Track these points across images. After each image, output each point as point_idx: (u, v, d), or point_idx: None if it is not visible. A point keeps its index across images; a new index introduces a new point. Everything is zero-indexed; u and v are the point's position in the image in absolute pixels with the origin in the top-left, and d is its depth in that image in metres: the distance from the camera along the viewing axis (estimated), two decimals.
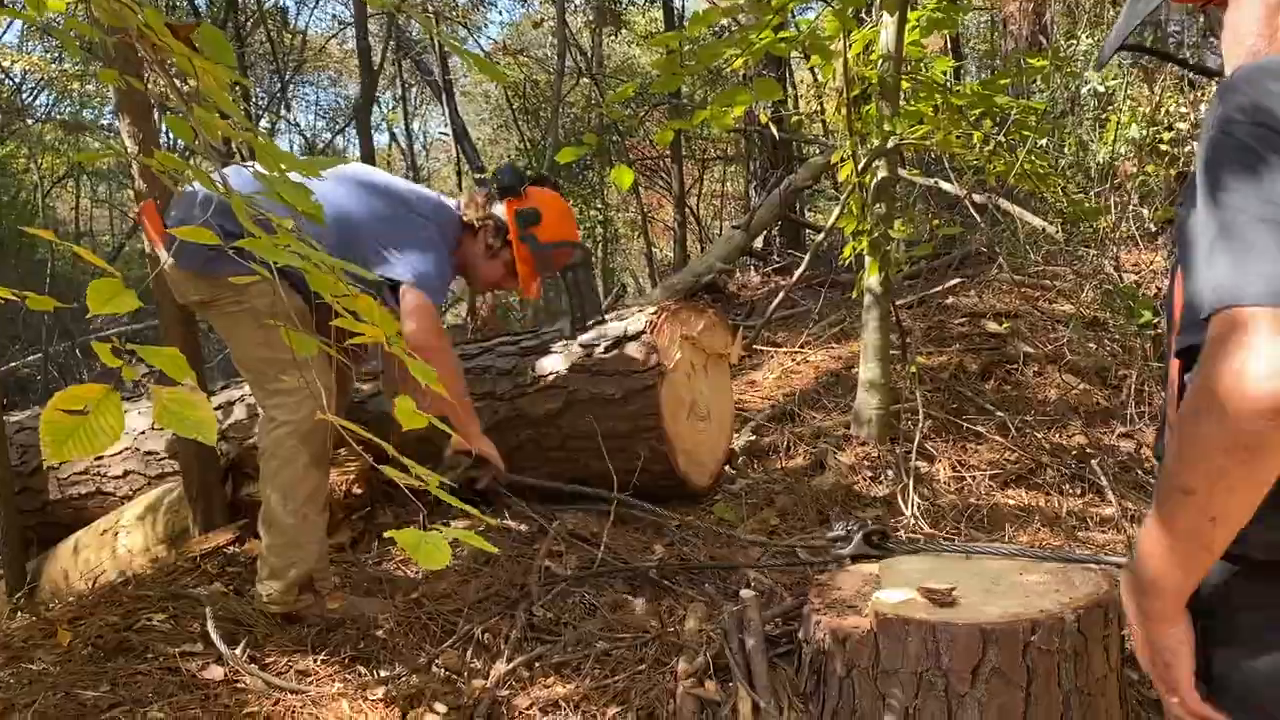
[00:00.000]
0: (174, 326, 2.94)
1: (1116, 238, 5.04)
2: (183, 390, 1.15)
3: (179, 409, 1.12)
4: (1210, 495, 1.05)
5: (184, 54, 1.24)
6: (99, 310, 1.24)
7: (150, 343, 5.54)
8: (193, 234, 1.33)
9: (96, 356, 5.04)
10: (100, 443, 1.10)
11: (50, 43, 12.63)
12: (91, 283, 1.24)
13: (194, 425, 1.13)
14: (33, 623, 2.74)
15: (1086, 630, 2.00)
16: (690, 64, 3.17)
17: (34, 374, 10.84)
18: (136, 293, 1.21)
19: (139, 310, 4.46)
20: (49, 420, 1.09)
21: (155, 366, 1.22)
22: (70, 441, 1.10)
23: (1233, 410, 0.99)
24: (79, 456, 1.10)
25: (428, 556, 1.30)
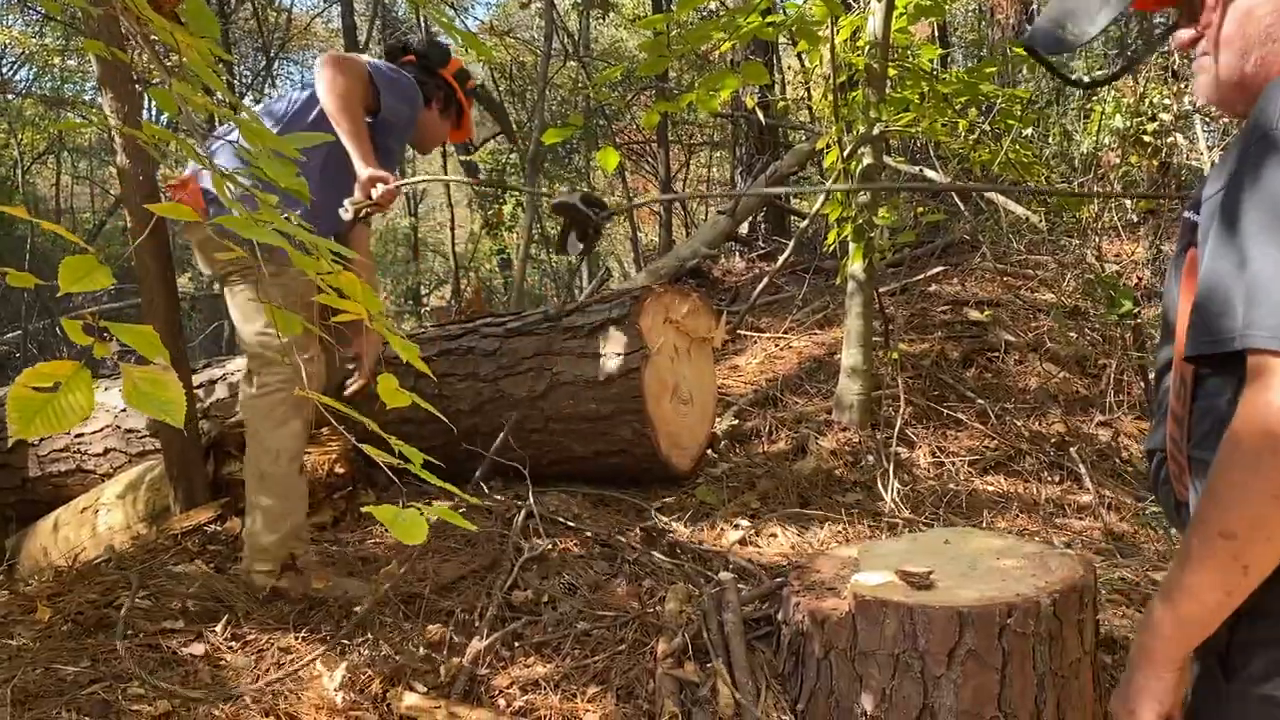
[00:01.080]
0: (157, 303, 2.92)
1: (1099, 228, 5.07)
2: (154, 369, 1.13)
3: (149, 388, 1.10)
4: (1249, 542, 1.02)
5: (166, 28, 1.24)
6: (70, 288, 1.22)
7: (133, 321, 5.52)
8: (173, 210, 1.33)
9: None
10: (68, 420, 1.09)
11: (31, 17, 12.49)
12: (64, 259, 1.23)
13: (163, 405, 1.11)
14: (12, 599, 2.73)
15: (1061, 614, 2.03)
16: (677, 47, 3.16)
17: (13, 351, 10.76)
18: (114, 269, 1.20)
19: (121, 288, 4.45)
20: (16, 396, 1.08)
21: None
22: (38, 418, 1.08)
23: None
24: (47, 433, 1.09)
25: (405, 532, 1.30)
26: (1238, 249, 1.03)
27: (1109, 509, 3.47)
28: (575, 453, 3.29)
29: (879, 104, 3.69)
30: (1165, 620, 1.14)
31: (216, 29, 1.45)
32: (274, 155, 1.35)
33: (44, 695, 2.14)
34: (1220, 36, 1.15)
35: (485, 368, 3.39)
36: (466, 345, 3.47)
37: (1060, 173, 5.53)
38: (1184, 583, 1.10)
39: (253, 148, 1.39)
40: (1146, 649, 1.17)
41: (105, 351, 1.07)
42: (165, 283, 2.97)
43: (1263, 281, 0.99)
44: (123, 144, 2.89)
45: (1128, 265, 5.32)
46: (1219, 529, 1.04)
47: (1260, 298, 0.99)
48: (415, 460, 1.55)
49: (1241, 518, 1.02)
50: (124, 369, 1.04)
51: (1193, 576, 1.09)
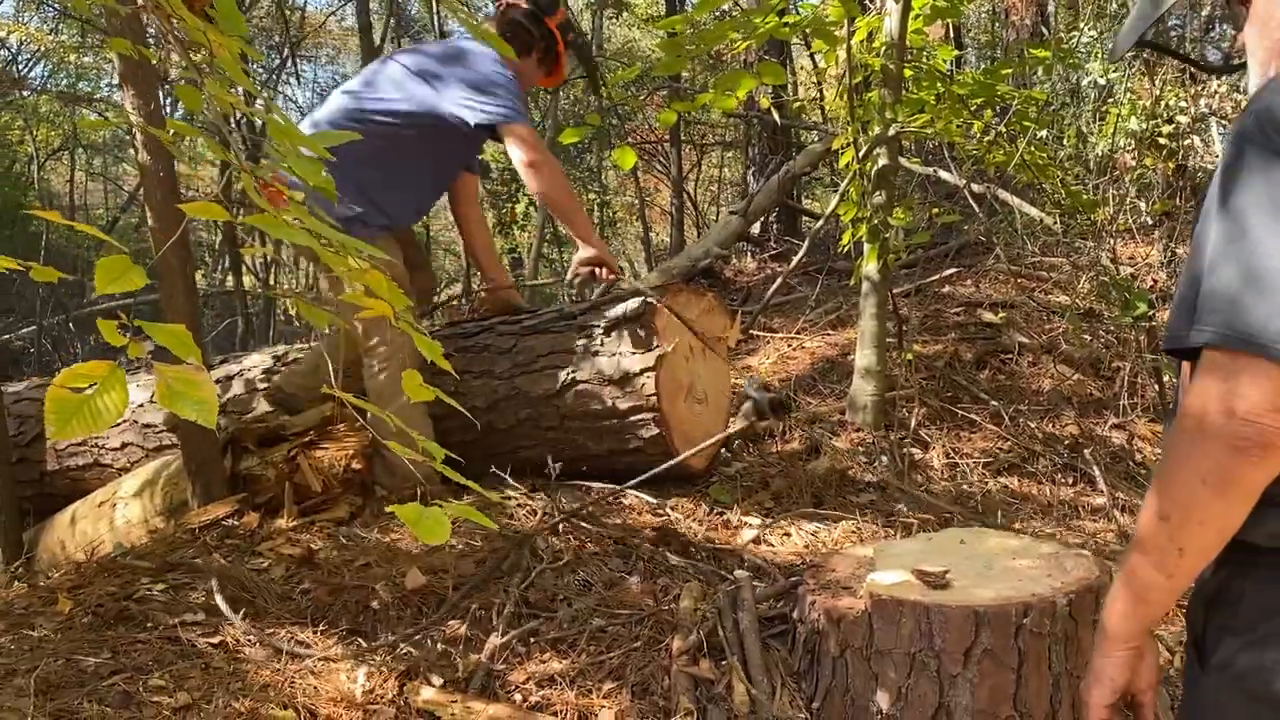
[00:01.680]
0: (177, 300, 2.94)
1: (1114, 230, 5.06)
2: (187, 369, 1.15)
3: (183, 389, 1.12)
4: (1181, 525, 1.07)
5: (199, 27, 1.25)
6: (106, 289, 1.24)
7: (147, 316, 5.48)
8: (203, 210, 1.34)
9: (91, 329, 5.08)
10: (104, 421, 1.10)
11: (47, 13, 12.56)
12: (99, 260, 1.24)
13: (196, 406, 1.13)
14: (32, 591, 2.76)
15: (1077, 614, 2.04)
16: (694, 47, 3.17)
17: (28, 346, 10.83)
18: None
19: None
20: (54, 398, 1.09)
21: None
22: (75, 419, 1.09)
23: (1218, 442, 1.01)
24: (83, 434, 1.10)
25: (428, 531, 1.32)
26: (1205, 251, 1.07)
27: (1123, 511, 3.47)
28: (590, 450, 3.30)
29: (895, 105, 3.70)
30: (1117, 601, 1.20)
31: (245, 28, 1.47)
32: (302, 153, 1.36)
33: (66, 686, 2.16)
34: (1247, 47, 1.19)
35: (501, 365, 3.40)
36: (482, 343, 3.48)
37: (1075, 174, 5.53)
38: (1130, 564, 1.15)
39: (281, 146, 1.40)
40: (1101, 628, 1.23)
41: (139, 351, 1.09)
42: (185, 279, 3.00)
43: (1213, 282, 1.03)
44: (144, 141, 2.91)
45: (1142, 268, 5.31)
46: (1157, 511, 1.09)
47: (1209, 296, 1.03)
48: (438, 455, 1.57)
49: (1175, 501, 1.07)
50: (157, 369, 1.06)
51: (1137, 557, 1.14)
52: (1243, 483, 1.02)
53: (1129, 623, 1.19)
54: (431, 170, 3.40)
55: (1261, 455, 1.00)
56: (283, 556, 2.82)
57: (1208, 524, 1.05)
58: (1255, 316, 0.99)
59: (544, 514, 3.08)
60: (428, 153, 3.26)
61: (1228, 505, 1.04)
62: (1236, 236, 1.01)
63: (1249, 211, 1.01)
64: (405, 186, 3.31)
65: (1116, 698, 1.23)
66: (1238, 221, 1.02)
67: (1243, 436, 1.00)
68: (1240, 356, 1.00)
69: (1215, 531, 1.06)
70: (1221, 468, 1.02)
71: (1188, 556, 1.08)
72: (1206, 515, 1.05)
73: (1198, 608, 1.19)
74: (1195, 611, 1.19)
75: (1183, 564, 1.09)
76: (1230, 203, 1.03)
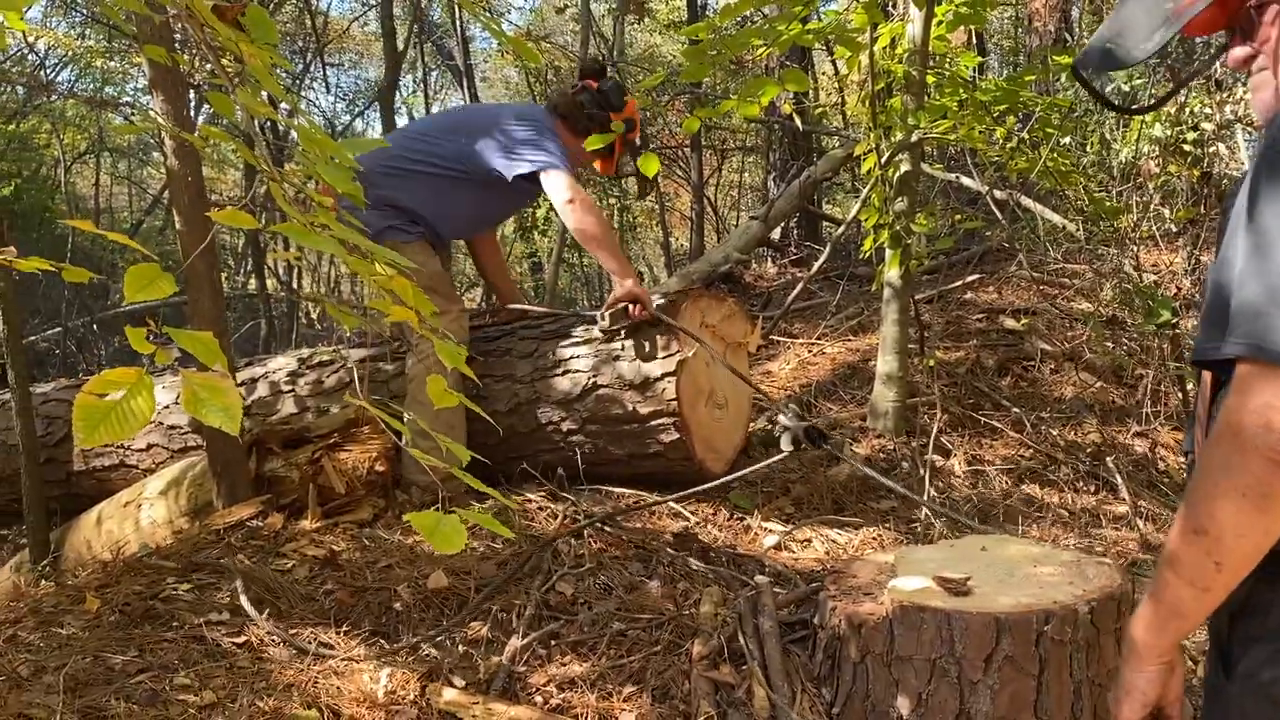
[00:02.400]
0: (203, 305, 2.98)
1: (1137, 237, 5.03)
2: (212, 376, 1.16)
3: (208, 395, 1.13)
4: (1219, 539, 1.05)
5: (232, 36, 1.27)
6: (135, 297, 1.26)
7: (171, 319, 5.57)
8: (232, 218, 1.36)
9: (114, 331, 5.11)
10: (131, 426, 1.11)
11: (74, 18, 12.69)
12: (130, 269, 1.26)
13: (220, 412, 1.14)
14: (60, 590, 2.79)
15: (1099, 622, 2.03)
16: (717, 54, 3.18)
17: (53, 348, 10.93)
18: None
19: None
20: (82, 405, 1.10)
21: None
22: (102, 426, 1.11)
23: (1256, 456, 0.99)
24: (111, 440, 1.11)
25: (443, 541, 1.31)
26: (1235, 261, 1.06)
27: (1145, 520, 3.45)
28: (611, 455, 3.31)
29: (917, 111, 3.70)
30: (1148, 614, 1.18)
31: (276, 36, 1.49)
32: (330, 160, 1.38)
33: (94, 683, 2.19)
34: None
35: (522, 369, 3.42)
36: (504, 347, 3.50)
37: (1098, 181, 5.50)
38: (1163, 578, 1.14)
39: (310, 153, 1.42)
40: (1131, 642, 1.21)
41: (166, 358, 1.10)
42: (212, 284, 3.03)
43: (1243, 296, 1.02)
44: (173, 147, 2.95)
45: (1166, 275, 5.28)
46: (1193, 525, 1.07)
47: (1239, 311, 1.02)
48: (463, 458, 1.58)
49: (1212, 516, 1.05)
50: (183, 375, 1.07)
51: (1169, 572, 1.12)
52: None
53: (1161, 638, 1.18)
54: (479, 207, 3.59)
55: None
56: (306, 558, 2.85)
57: (1246, 538, 1.04)
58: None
59: (564, 518, 3.10)
60: (476, 194, 3.48)
61: (1268, 518, 1.03)
62: (1265, 253, 1.01)
63: (1274, 229, 1.01)
64: (453, 218, 3.55)
65: (1146, 712, 1.22)
66: (1264, 237, 1.02)
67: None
68: (1275, 370, 0.99)
69: (1254, 545, 1.05)
70: (1261, 482, 1.00)
71: (1225, 571, 1.07)
72: (1245, 529, 1.03)
73: (1222, 616, 1.18)
74: (1220, 620, 1.19)
75: (1220, 578, 1.08)
76: (1258, 220, 1.03)
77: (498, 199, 3.56)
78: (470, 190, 3.44)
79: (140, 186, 18.78)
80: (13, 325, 3.54)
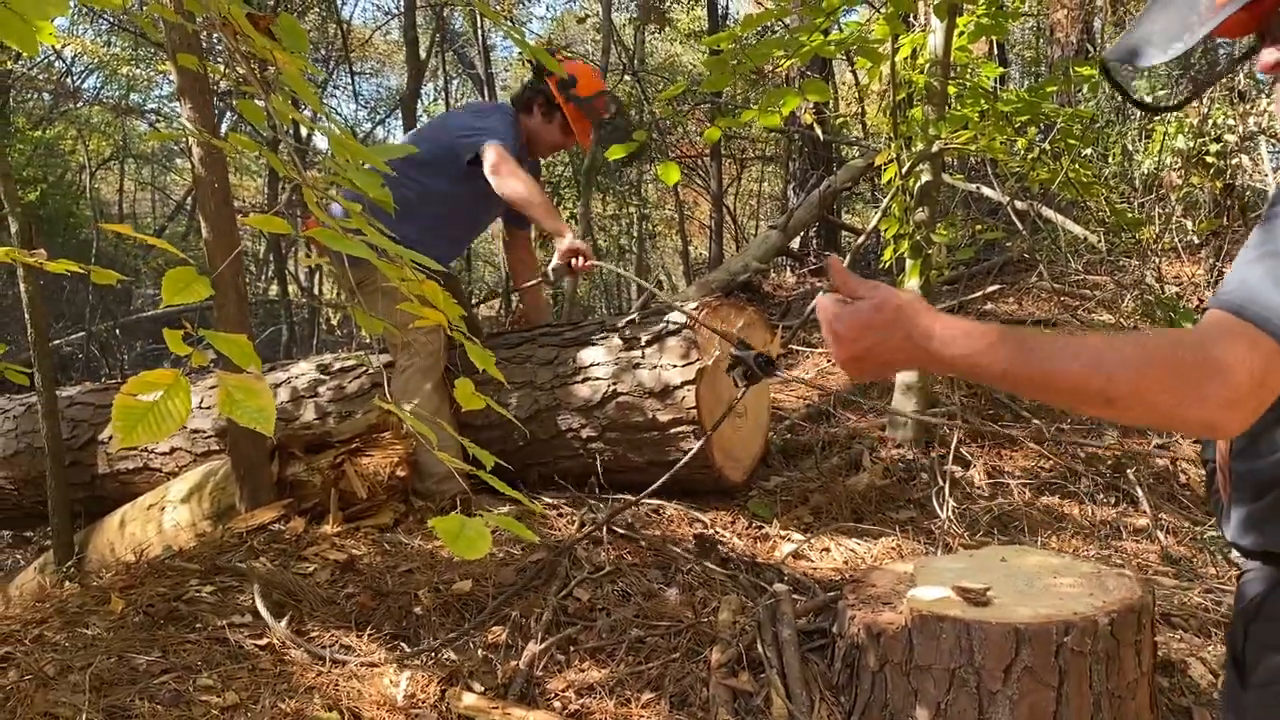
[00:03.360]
0: (229, 310, 3.01)
1: (1159, 248, 5.01)
2: (247, 378, 1.18)
3: (243, 397, 1.15)
4: (1125, 407, 1.02)
5: (267, 45, 1.30)
6: (173, 301, 1.28)
7: (194, 323, 5.51)
8: (265, 222, 1.38)
9: (136, 335, 5.16)
10: (168, 427, 1.13)
11: (101, 26, 12.82)
12: (167, 273, 1.29)
13: (255, 414, 1.16)
14: (84, 591, 2.82)
15: (1119, 634, 2.03)
16: (739, 64, 3.20)
17: (76, 351, 11.03)
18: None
19: None
20: (121, 405, 1.12)
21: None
22: (140, 426, 1.13)
23: (1216, 380, 0.97)
24: (148, 441, 1.13)
25: (467, 546, 1.31)
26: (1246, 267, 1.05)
27: (1166, 532, 3.44)
28: (630, 462, 3.32)
29: (938, 121, 3.70)
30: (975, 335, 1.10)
31: (306, 45, 1.51)
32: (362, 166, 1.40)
33: (118, 683, 2.21)
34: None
35: (542, 376, 3.44)
36: (525, 354, 3.52)
37: (1120, 193, 5.49)
38: (1029, 346, 1.07)
39: (340, 159, 1.44)
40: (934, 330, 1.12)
41: (202, 360, 1.12)
42: (237, 290, 3.06)
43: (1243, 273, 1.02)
44: (200, 154, 2.98)
45: (1188, 287, 5.26)
46: (1105, 379, 1.02)
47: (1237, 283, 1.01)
48: (487, 463, 1.60)
49: (1136, 393, 1.01)
50: (220, 377, 1.09)
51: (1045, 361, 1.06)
52: (1187, 421, 1.00)
53: (947, 349, 1.10)
54: (449, 218, 3.68)
55: (1229, 416, 0.99)
56: (327, 561, 2.87)
57: (1115, 403, 1.01)
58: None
59: (583, 523, 3.11)
60: (446, 200, 3.60)
61: (1152, 414, 1.01)
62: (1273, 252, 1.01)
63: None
64: (434, 234, 3.55)
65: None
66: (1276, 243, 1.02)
67: (1236, 396, 0.97)
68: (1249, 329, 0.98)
69: (1097, 404, 1.02)
70: (1197, 397, 0.98)
71: (1037, 387, 1.04)
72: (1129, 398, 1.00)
73: (1238, 626, 1.18)
74: (1236, 629, 1.19)
75: (1024, 378, 1.04)
76: (1272, 229, 1.03)
77: (466, 201, 3.64)
78: (439, 203, 3.57)
79: (163, 192, 18.95)
80: (39, 329, 3.59)
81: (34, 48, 1.75)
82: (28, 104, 13.89)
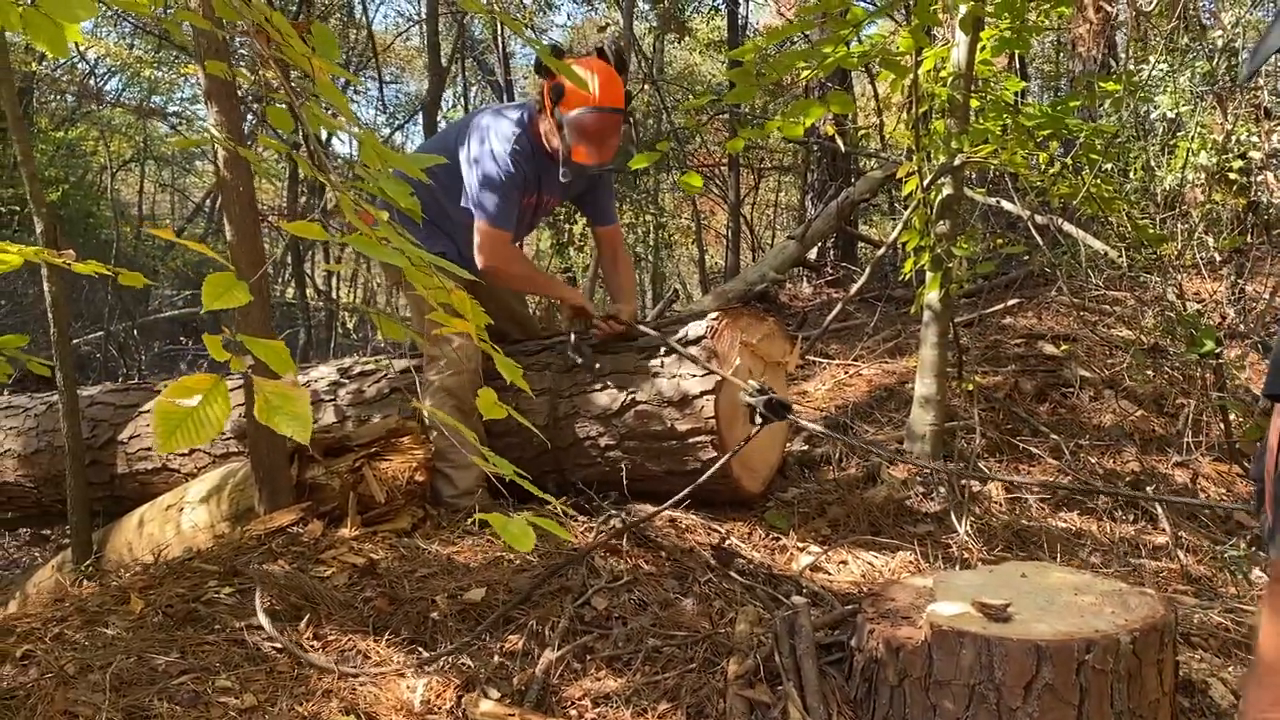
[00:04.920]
0: (252, 313, 3.02)
1: (1181, 265, 4.99)
2: (284, 384, 1.19)
3: (280, 402, 1.16)
4: None
5: (304, 52, 1.30)
6: (213, 305, 1.29)
7: (209, 327, 5.65)
8: (304, 229, 1.39)
9: (154, 335, 5.20)
10: (207, 432, 1.14)
11: (124, 29, 12.93)
12: (207, 278, 1.30)
13: (292, 420, 1.17)
14: (104, 590, 2.83)
15: (1141, 653, 2.01)
16: (764, 76, 3.20)
17: (94, 352, 11.10)
18: (194, 275, 1.27)
19: (197, 294, 4.62)
20: (161, 410, 1.13)
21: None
22: (179, 430, 1.14)
23: None
24: (188, 445, 1.14)
25: (515, 538, 1.37)
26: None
27: (1186, 551, 3.41)
28: (648, 470, 3.32)
29: (961, 135, 3.70)
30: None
31: (338, 53, 1.52)
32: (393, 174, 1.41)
33: (137, 683, 2.22)
34: None
35: (562, 384, 3.44)
36: (543, 361, 3.53)
37: (1141, 208, 5.46)
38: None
39: (371, 167, 1.45)
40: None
41: (240, 366, 1.13)
42: (261, 293, 3.08)
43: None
44: (225, 157, 3.00)
45: (1210, 304, 5.23)
46: None
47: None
48: (506, 470, 1.60)
49: None
50: (256, 383, 1.10)
51: None
52: None
53: None
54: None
55: None
56: (345, 565, 2.87)
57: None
58: None
59: (600, 532, 3.11)
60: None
61: None
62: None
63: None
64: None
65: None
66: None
67: None
68: None
69: None
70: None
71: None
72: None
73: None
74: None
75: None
76: None
77: None
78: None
79: (183, 194, 19.09)
80: (62, 329, 3.61)
81: (64, 50, 1.77)
82: (50, 105, 14.01)
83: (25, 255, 2.25)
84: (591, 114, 3.24)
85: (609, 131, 3.30)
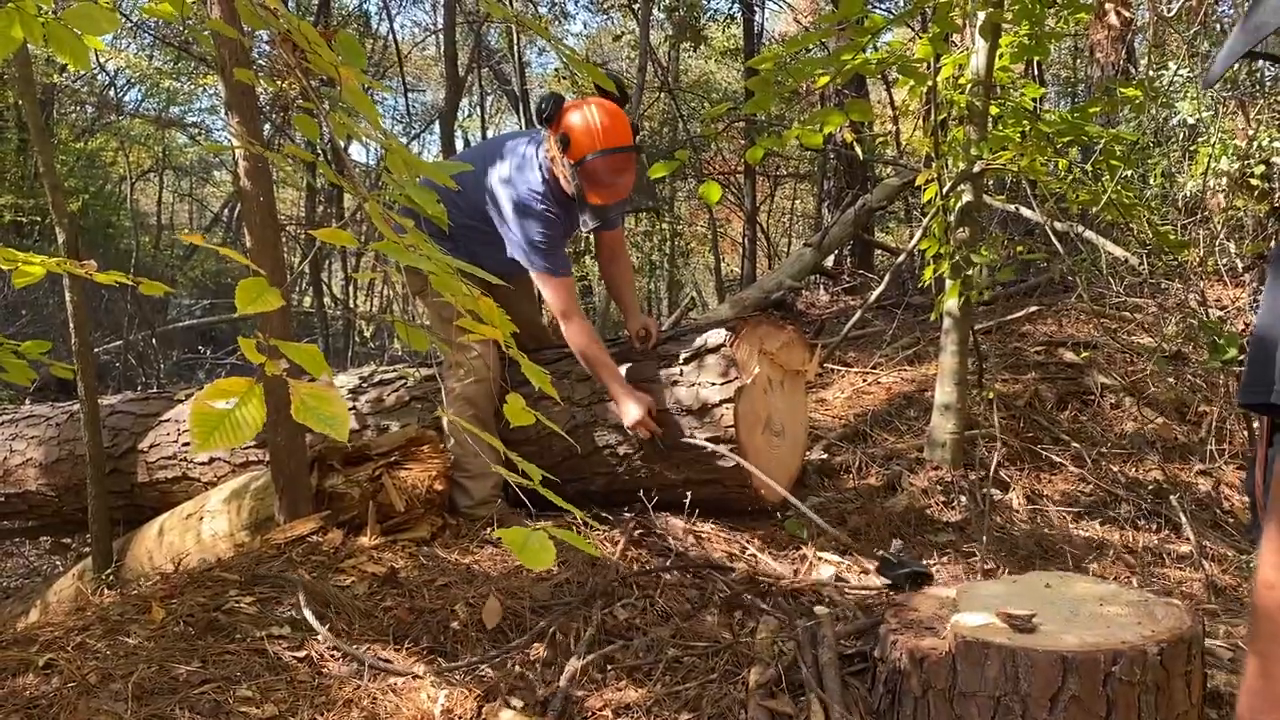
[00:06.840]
0: (273, 320, 3.02)
1: (1202, 272, 4.95)
2: (318, 386, 1.20)
3: (315, 404, 1.16)
4: None
5: (333, 61, 1.31)
6: (247, 310, 1.30)
7: (226, 336, 5.70)
8: (333, 235, 1.39)
9: (172, 344, 5.22)
10: (243, 434, 1.15)
11: (144, 40, 13.04)
12: (240, 283, 1.30)
13: (329, 420, 1.17)
14: (125, 599, 2.84)
15: (1168, 664, 1.99)
16: (782, 84, 3.20)
17: (113, 361, 11.17)
18: (212, 284, 1.27)
19: (215, 303, 4.70)
20: (199, 412, 1.14)
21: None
22: (216, 433, 1.15)
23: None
24: (224, 447, 1.14)
25: (533, 557, 1.33)
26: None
27: (1210, 560, 3.38)
28: (667, 479, 3.31)
29: (980, 141, 3.68)
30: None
31: (364, 61, 1.52)
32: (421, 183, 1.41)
33: (159, 693, 2.22)
34: None
35: (580, 392, 3.44)
36: (563, 369, 3.52)
37: (1162, 214, 5.43)
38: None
39: (399, 175, 1.45)
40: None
41: (276, 369, 1.13)
42: (282, 301, 3.08)
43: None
44: (245, 167, 3.01)
45: (1232, 311, 5.19)
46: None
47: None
48: (534, 477, 1.60)
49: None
50: (292, 385, 1.10)
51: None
52: None
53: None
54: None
55: None
56: (365, 574, 2.87)
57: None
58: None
59: (621, 541, 3.10)
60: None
61: None
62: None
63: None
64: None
65: None
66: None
67: None
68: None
69: None
70: None
71: None
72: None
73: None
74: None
75: None
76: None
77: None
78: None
79: (201, 204, 19.22)
80: (83, 338, 3.63)
81: (86, 62, 1.78)
82: (71, 116, 14.13)
83: (48, 266, 2.26)
84: (600, 158, 3.16)
85: (621, 170, 3.21)
